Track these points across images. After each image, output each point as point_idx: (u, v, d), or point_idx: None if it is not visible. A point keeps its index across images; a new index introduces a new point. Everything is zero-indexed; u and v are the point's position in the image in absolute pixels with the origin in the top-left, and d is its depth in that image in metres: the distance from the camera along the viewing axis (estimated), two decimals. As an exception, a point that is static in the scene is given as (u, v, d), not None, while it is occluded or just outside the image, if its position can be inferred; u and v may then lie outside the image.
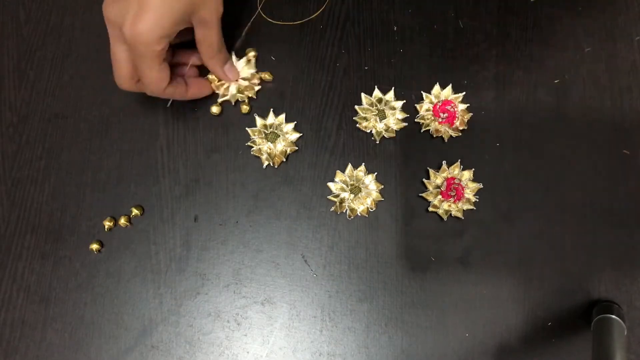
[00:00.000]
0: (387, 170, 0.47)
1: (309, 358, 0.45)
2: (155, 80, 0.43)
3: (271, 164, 0.47)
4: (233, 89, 0.49)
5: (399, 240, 0.46)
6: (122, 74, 0.44)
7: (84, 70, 0.50)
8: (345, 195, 0.46)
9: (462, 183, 0.46)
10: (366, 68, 0.49)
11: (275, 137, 0.47)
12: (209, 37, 0.44)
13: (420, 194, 0.47)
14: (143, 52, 0.41)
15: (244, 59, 0.49)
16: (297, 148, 0.48)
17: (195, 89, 0.48)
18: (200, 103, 0.49)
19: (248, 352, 0.45)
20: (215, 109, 0.49)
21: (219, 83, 0.49)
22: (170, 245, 0.47)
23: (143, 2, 0.39)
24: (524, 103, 0.48)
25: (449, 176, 0.46)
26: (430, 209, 0.46)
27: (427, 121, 0.47)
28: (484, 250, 0.46)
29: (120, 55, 0.43)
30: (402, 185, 0.47)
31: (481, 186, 0.46)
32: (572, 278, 0.46)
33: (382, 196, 0.47)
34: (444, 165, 0.46)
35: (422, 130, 0.48)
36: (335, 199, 0.46)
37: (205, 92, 0.48)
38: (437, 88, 0.48)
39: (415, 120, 0.48)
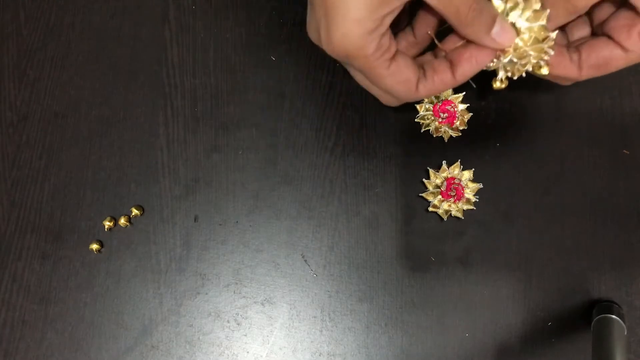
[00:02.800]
0: (387, 170, 0.47)
1: (309, 358, 0.45)
2: (394, 86, 0.32)
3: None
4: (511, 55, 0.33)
5: (399, 240, 0.46)
6: (376, 94, 0.34)
7: (84, 70, 0.50)
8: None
9: (462, 183, 0.46)
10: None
11: None
12: (444, 1, 0.30)
13: (420, 194, 0.47)
14: (358, 65, 0.31)
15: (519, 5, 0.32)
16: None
17: (465, 65, 0.32)
18: (201, 102, 0.49)
19: (248, 352, 0.45)
20: (498, 84, 0.35)
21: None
22: (170, 245, 0.47)
23: (327, 4, 0.29)
24: (524, 103, 0.48)
25: (449, 176, 0.46)
26: (430, 209, 0.46)
27: (427, 121, 0.47)
28: (484, 250, 0.46)
29: (358, 78, 0.34)
30: (402, 185, 0.47)
31: (481, 186, 0.46)
32: (572, 278, 0.46)
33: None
34: (444, 165, 0.46)
35: (422, 130, 0.48)
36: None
37: (483, 61, 0.32)
38: None
39: (415, 120, 0.48)
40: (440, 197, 0.46)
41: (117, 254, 0.47)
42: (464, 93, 0.47)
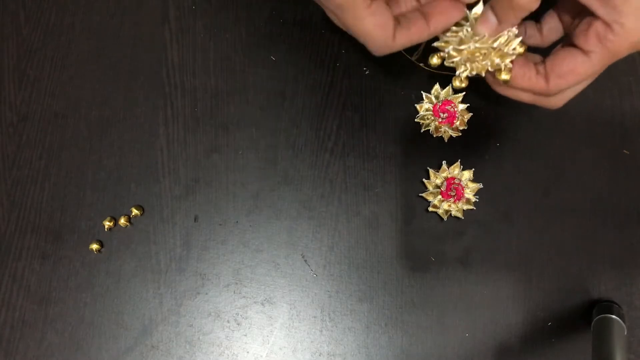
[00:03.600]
0: (387, 170, 0.47)
1: (309, 358, 0.45)
2: (373, 30, 0.32)
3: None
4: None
5: (399, 240, 0.46)
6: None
7: (84, 70, 0.50)
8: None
9: (462, 183, 0.46)
10: (365, 68, 0.49)
11: None
12: None
13: (420, 194, 0.47)
14: (338, 2, 0.31)
15: None
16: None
17: (441, 17, 0.33)
18: (201, 102, 0.49)
19: (248, 352, 0.45)
20: (457, 83, 0.36)
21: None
22: (170, 245, 0.47)
23: None
24: (524, 103, 0.48)
25: (449, 176, 0.46)
26: (430, 209, 0.46)
27: (427, 121, 0.47)
28: (484, 250, 0.46)
29: (338, 24, 0.33)
30: (402, 185, 0.47)
31: (481, 186, 0.46)
32: (572, 278, 0.46)
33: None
34: (444, 165, 0.46)
35: (422, 130, 0.48)
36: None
37: (454, 16, 0.34)
38: (437, 88, 0.48)
39: (415, 120, 0.48)
40: (440, 197, 0.46)
41: (117, 254, 0.47)
42: (464, 93, 0.47)
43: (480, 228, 0.46)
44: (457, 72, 0.36)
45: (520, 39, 0.34)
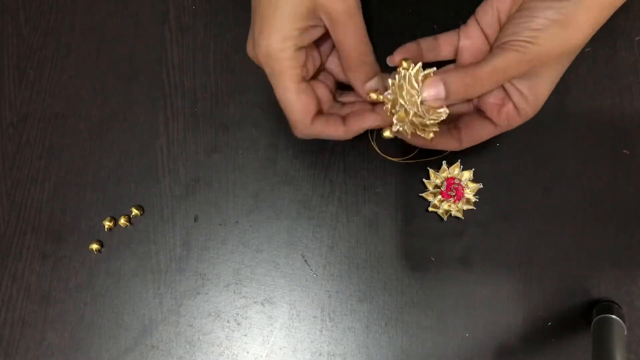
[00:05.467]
0: (387, 170, 0.47)
1: (309, 358, 0.45)
2: (294, 103, 0.35)
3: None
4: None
5: (399, 240, 0.46)
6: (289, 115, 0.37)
7: (84, 70, 0.50)
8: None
9: (462, 183, 0.46)
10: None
11: None
12: (343, 38, 0.35)
13: (420, 194, 0.47)
14: (272, 68, 0.34)
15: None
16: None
17: (356, 122, 0.37)
18: (201, 102, 0.49)
19: (248, 352, 0.45)
20: (387, 133, 0.38)
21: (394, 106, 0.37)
22: (170, 245, 0.47)
23: (262, 14, 0.34)
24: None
25: (449, 176, 0.46)
26: (430, 209, 0.46)
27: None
28: (484, 250, 0.46)
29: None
30: (402, 185, 0.47)
31: (481, 186, 0.46)
32: (572, 278, 0.46)
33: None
34: (444, 165, 0.46)
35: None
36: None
37: (368, 123, 0.37)
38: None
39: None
40: (440, 197, 0.46)
41: (117, 254, 0.47)
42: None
43: (480, 228, 0.46)
44: (394, 128, 0.37)
45: (447, 112, 0.36)
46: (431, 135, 0.37)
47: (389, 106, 0.36)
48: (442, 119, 0.36)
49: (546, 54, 0.34)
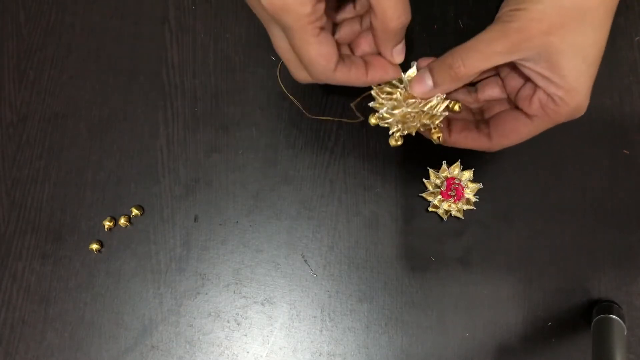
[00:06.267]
0: (387, 170, 0.47)
1: (309, 358, 0.45)
2: (316, 57, 0.33)
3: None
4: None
5: (399, 240, 0.46)
6: (292, 66, 0.35)
7: (84, 70, 0.50)
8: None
9: (462, 183, 0.46)
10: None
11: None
12: (387, 3, 0.33)
13: (420, 194, 0.47)
14: (290, 22, 0.31)
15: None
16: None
17: (379, 70, 0.36)
18: (201, 102, 0.49)
19: (248, 352, 0.45)
20: (393, 142, 0.39)
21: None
22: (170, 245, 0.47)
23: None
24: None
25: (449, 176, 0.46)
26: (430, 209, 0.46)
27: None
28: (484, 250, 0.46)
29: (279, 44, 0.35)
30: (402, 185, 0.47)
31: (481, 186, 0.46)
32: (572, 278, 0.46)
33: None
34: (444, 165, 0.46)
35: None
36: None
37: (391, 75, 0.37)
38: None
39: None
40: (440, 197, 0.46)
41: (117, 254, 0.47)
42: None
43: (480, 228, 0.46)
44: (391, 132, 0.39)
45: (448, 101, 0.37)
46: (435, 136, 0.38)
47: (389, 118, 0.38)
48: (439, 108, 0.37)
49: (538, 19, 0.32)
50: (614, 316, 0.42)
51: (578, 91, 0.34)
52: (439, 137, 0.40)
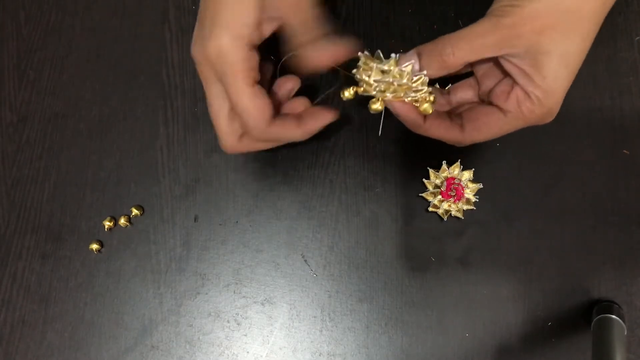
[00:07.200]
0: (387, 170, 0.47)
1: (309, 358, 0.45)
2: (250, 109, 0.34)
3: None
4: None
5: (399, 240, 0.46)
6: (221, 129, 0.36)
7: (84, 70, 0.50)
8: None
9: (462, 183, 0.46)
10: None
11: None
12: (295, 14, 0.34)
13: (420, 194, 0.47)
14: (225, 68, 0.33)
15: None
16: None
17: (311, 122, 0.37)
18: (201, 102, 0.49)
19: (248, 352, 0.45)
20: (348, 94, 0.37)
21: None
22: (170, 245, 0.47)
23: (215, 15, 0.33)
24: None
25: (449, 176, 0.46)
26: (430, 209, 0.46)
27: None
28: (484, 250, 0.46)
29: (213, 101, 0.36)
30: (402, 185, 0.47)
31: (481, 186, 0.46)
32: (572, 278, 0.46)
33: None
34: (444, 165, 0.46)
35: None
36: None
37: (325, 121, 0.38)
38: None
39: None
40: (440, 197, 0.46)
41: (117, 254, 0.47)
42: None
43: (480, 228, 0.46)
44: (375, 99, 0.37)
45: (425, 76, 0.36)
46: (425, 106, 0.36)
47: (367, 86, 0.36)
48: (424, 82, 0.36)
49: (532, 17, 0.32)
50: (614, 316, 0.42)
51: (554, 94, 0.35)
52: (427, 108, 0.37)
